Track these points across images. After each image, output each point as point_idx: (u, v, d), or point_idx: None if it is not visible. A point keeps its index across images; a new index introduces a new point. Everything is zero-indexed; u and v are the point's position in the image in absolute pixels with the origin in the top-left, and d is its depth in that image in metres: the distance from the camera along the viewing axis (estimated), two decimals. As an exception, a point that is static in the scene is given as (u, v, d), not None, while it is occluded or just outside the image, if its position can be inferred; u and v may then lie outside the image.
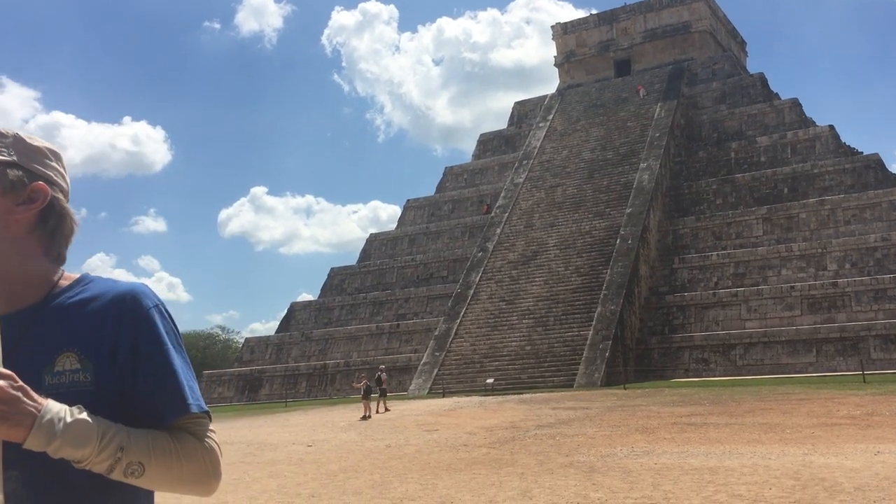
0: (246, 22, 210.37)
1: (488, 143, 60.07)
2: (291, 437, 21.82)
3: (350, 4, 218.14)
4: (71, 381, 1.80)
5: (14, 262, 1.86)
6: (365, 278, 52.51)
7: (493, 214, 49.50)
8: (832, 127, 46.06)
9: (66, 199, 1.97)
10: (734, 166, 47.06)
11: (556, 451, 15.42)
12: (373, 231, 58.42)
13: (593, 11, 77.49)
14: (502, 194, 50.89)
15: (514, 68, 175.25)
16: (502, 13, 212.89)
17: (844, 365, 33.02)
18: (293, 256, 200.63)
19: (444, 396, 34.44)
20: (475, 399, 31.07)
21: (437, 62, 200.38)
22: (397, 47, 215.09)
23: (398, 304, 48.15)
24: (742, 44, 68.79)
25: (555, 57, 64.12)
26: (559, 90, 62.04)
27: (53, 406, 1.63)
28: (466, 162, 59.89)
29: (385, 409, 28.71)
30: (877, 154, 43.17)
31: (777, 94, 53.69)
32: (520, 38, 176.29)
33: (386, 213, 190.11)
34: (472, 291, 43.39)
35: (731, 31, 66.04)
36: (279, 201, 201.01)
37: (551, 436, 18.10)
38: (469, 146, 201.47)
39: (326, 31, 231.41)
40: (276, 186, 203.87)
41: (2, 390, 1.55)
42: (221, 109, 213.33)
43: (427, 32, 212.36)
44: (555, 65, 64.19)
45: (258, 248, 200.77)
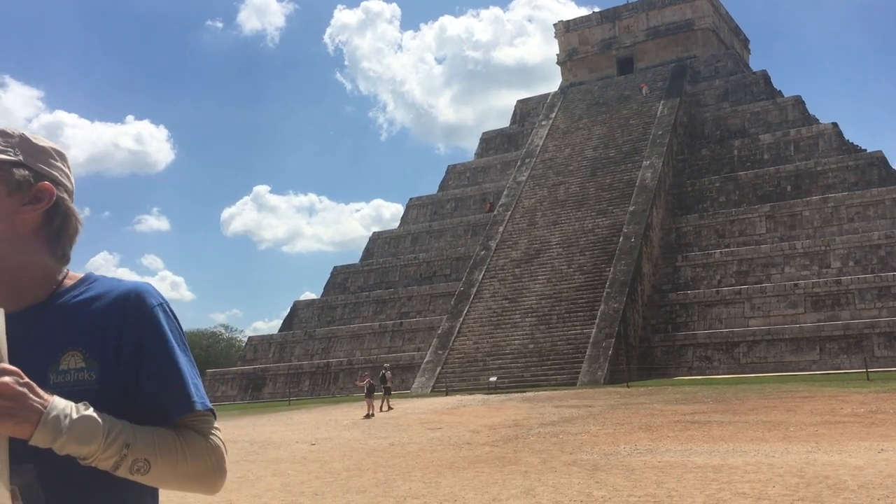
0: (248, 21, 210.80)
1: (491, 142, 60.04)
2: (295, 436, 21.82)
3: (352, 3, 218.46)
4: (76, 380, 1.80)
5: (19, 261, 1.87)
6: (368, 277, 52.52)
7: (495, 213, 49.48)
8: (835, 124, 45.93)
9: (70, 200, 1.97)
10: (737, 164, 46.97)
11: (559, 450, 15.42)
12: (376, 229, 58.45)
13: (596, 9, 77.51)
14: (505, 192, 50.86)
15: (516, 66, 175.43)
16: (505, 11, 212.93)
17: (848, 363, 33.00)
18: (296, 255, 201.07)
19: (447, 395, 34.46)
20: (478, 397, 31.07)
21: (439, 60, 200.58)
22: (400, 46, 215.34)
23: (401, 303, 48.17)
24: (745, 41, 68.61)
25: (557, 55, 64.07)
26: (562, 88, 61.97)
27: (59, 402, 1.63)
28: (469, 160, 59.84)
29: (388, 407, 28.71)
30: (880, 151, 43.04)
31: (780, 91, 53.56)
32: (522, 37, 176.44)
33: (389, 212, 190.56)
34: (475, 290, 43.39)
35: (733, 28, 65.87)
36: (282, 200, 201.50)
37: (554, 434, 18.09)
38: (472, 144, 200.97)
39: (329, 30, 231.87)
40: (279, 185, 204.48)
41: (7, 386, 1.55)
42: (224, 108, 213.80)
43: (429, 31, 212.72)
44: (557, 63, 64.16)
45: (261, 247, 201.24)
